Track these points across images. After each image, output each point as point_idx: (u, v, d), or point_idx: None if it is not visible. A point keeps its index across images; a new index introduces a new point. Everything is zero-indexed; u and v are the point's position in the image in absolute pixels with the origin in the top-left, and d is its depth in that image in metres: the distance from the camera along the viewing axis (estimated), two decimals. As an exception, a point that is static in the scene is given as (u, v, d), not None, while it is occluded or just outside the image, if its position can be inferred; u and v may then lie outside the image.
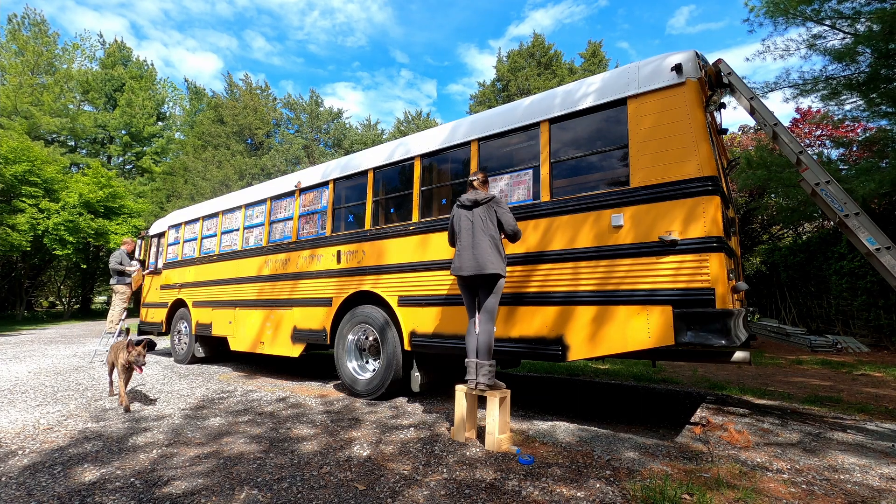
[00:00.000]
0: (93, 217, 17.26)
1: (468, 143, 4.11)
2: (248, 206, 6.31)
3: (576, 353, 3.23)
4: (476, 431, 3.19)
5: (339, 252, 4.90)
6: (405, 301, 4.24)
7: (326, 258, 5.03)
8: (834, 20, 8.72)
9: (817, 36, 9.02)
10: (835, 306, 9.70)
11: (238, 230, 6.40)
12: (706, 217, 2.86)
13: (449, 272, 3.92)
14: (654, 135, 3.13)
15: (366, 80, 67.06)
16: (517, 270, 3.57)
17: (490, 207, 3.21)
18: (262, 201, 6.08)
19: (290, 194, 5.68)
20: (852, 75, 8.68)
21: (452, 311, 3.89)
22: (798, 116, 12.45)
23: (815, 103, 10.88)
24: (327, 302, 4.89)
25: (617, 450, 2.89)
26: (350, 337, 4.72)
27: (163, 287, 7.79)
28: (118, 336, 7.47)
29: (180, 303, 7.29)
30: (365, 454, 2.81)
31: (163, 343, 9.49)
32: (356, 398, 4.45)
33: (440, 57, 69.64)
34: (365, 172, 4.87)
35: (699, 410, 3.96)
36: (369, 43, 69.01)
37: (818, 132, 11.78)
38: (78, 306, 25.14)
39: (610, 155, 3.41)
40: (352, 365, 4.69)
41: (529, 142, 3.78)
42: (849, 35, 8.55)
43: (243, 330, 5.94)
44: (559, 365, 6.59)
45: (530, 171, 3.71)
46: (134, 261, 7.94)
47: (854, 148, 10.48)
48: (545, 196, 3.56)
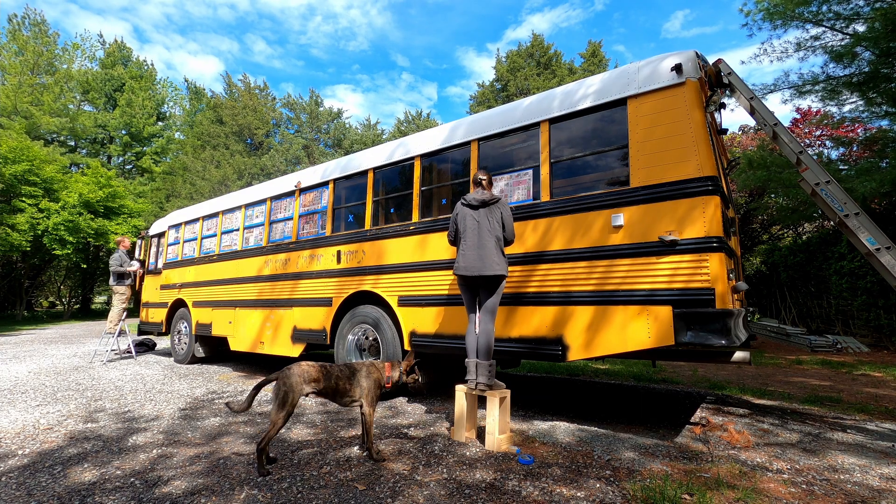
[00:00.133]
0: (93, 217, 17.25)
1: (468, 144, 4.11)
2: (248, 206, 6.31)
3: (576, 353, 3.23)
4: (476, 431, 3.19)
5: (339, 252, 4.90)
6: (405, 301, 4.24)
7: (326, 258, 5.03)
8: (833, 21, 8.73)
9: (816, 37, 9.03)
10: (835, 306, 9.71)
11: (238, 230, 6.40)
12: (706, 217, 2.86)
13: (448, 272, 3.93)
14: (654, 135, 3.13)
15: (365, 83, 67.50)
16: (517, 270, 3.57)
17: (497, 209, 3.22)
18: (262, 201, 6.08)
19: (290, 194, 5.68)
20: (852, 75, 8.68)
21: (452, 311, 3.89)
22: (798, 117, 12.46)
23: (815, 104, 10.89)
24: (327, 302, 4.89)
25: (617, 450, 2.89)
26: (350, 337, 4.72)
27: (163, 287, 7.79)
28: (117, 336, 7.48)
29: (180, 303, 7.29)
30: (365, 454, 2.81)
31: (163, 343, 9.50)
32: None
33: (439, 60, 70.40)
34: (365, 172, 4.87)
35: (699, 410, 3.96)
36: (371, 47, 69.61)
37: (818, 132, 11.78)
38: (78, 306, 25.13)
39: (610, 155, 3.42)
40: (352, 365, 4.69)
41: (529, 142, 3.78)
42: (847, 35, 8.56)
43: (243, 330, 5.94)
44: (559, 365, 6.59)
45: (530, 171, 3.71)
46: (134, 260, 7.95)
47: (854, 148, 10.48)
48: (545, 196, 3.56)
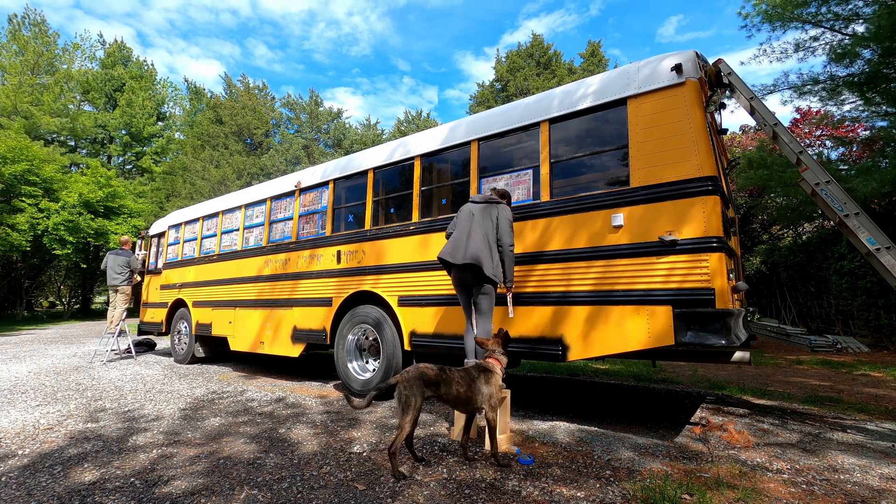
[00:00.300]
0: (93, 217, 17.24)
1: (468, 143, 4.11)
2: (248, 206, 6.31)
3: (576, 353, 3.23)
4: (476, 431, 3.18)
5: (339, 252, 4.90)
6: (405, 301, 4.24)
7: (326, 258, 5.03)
8: (832, 22, 8.72)
9: (815, 38, 9.03)
10: (835, 306, 9.70)
11: (238, 230, 6.40)
12: (706, 217, 2.86)
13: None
14: (654, 135, 3.13)
15: (365, 86, 67.92)
16: (517, 270, 3.57)
17: (494, 209, 3.22)
18: (262, 201, 6.08)
19: (290, 194, 5.68)
20: (852, 75, 8.68)
21: (452, 311, 3.89)
22: (798, 117, 12.45)
23: (814, 104, 10.89)
24: (327, 302, 4.89)
25: (617, 450, 2.89)
26: (350, 337, 4.72)
27: (163, 287, 7.79)
28: (117, 336, 7.48)
29: (180, 303, 7.29)
30: (365, 454, 2.81)
31: (163, 343, 9.49)
32: (356, 398, 4.44)
33: (437, 64, 71.30)
34: (365, 172, 4.87)
35: (699, 410, 3.96)
36: (373, 52, 70.61)
37: (818, 132, 11.78)
38: (78, 306, 25.12)
39: (610, 155, 3.42)
40: (352, 365, 4.69)
41: (529, 142, 3.78)
42: (847, 36, 8.56)
43: (243, 330, 5.94)
44: (559, 365, 6.59)
45: (530, 171, 3.71)
46: (138, 252, 8.17)
47: (854, 148, 10.48)
48: (545, 196, 3.56)
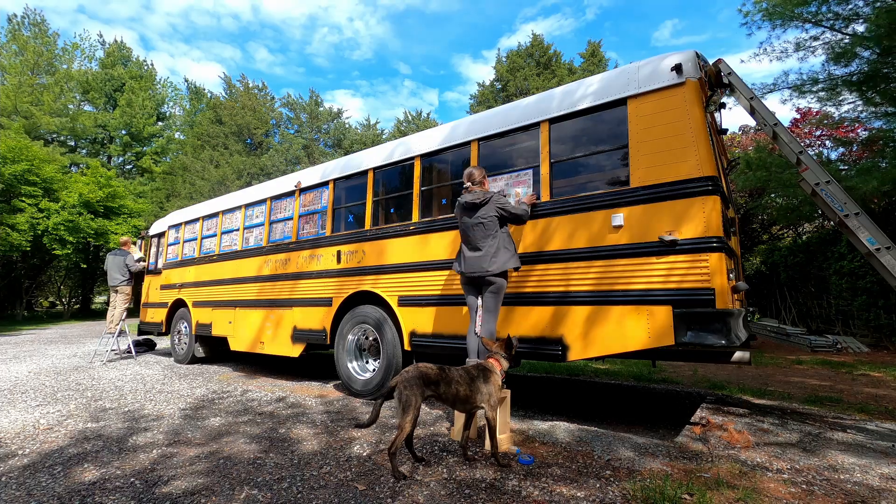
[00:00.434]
0: (93, 217, 17.26)
1: (468, 143, 4.10)
2: (248, 206, 6.31)
3: (576, 353, 3.23)
4: (476, 431, 3.18)
5: (339, 252, 4.90)
6: (405, 301, 4.24)
7: (326, 258, 5.03)
8: (832, 21, 8.72)
9: (815, 37, 9.03)
10: (835, 306, 9.70)
11: (238, 230, 6.40)
12: (706, 217, 2.86)
13: (449, 272, 3.93)
14: (654, 135, 3.13)
15: (364, 88, 68.45)
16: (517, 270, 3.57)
17: (491, 205, 3.23)
18: (262, 201, 6.08)
19: (290, 194, 5.68)
20: (851, 74, 8.67)
21: (453, 311, 3.89)
22: (798, 117, 12.45)
23: (814, 104, 10.88)
24: (327, 302, 4.89)
25: (617, 450, 2.89)
26: (350, 337, 4.72)
27: (163, 287, 7.79)
28: (117, 336, 7.48)
29: (180, 303, 7.29)
30: (365, 454, 2.81)
31: (163, 343, 9.49)
32: (356, 398, 4.45)
33: (436, 67, 72.22)
34: (365, 172, 4.87)
35: (699, 410, 3.96)
36: (375, 56, 71.63)
37: (818, 132, 11.77)
38: (78, 306, 25.14)
39: (610, 155, 3.42)
40: (352, 365, 4.69)
41: (529, 142, 3.78)
42: (847, 35, 8.55)
43: (243, 330, 5.94)
44: (559, 365, 6.59)
45: (530, 172, 3.71)
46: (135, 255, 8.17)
47: (854, 148, 10.48)
48: (545, 196, 3.56)
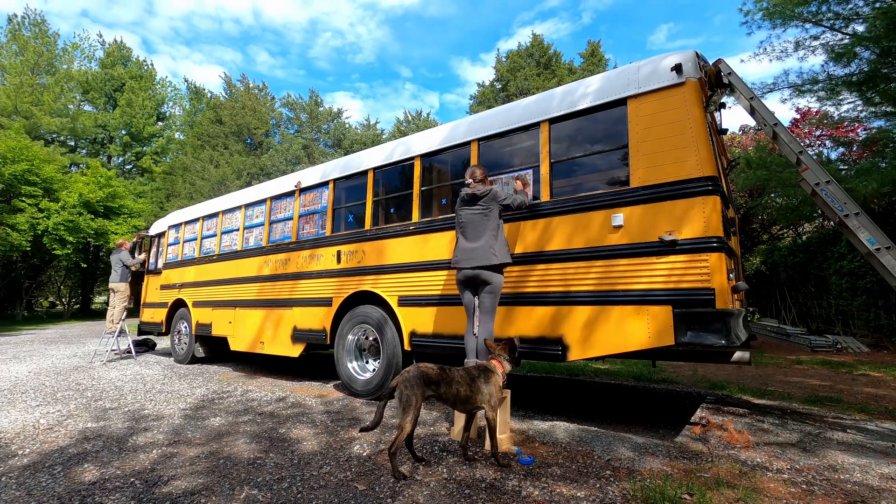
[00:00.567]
0: (93, 217, 17.25)
1: (468, 143, 4.10)
2: (248, 206, 6.31)
3: (576, 353, 3.23)
4: (476, 431, 3.18)
5: (339, 252, 4.90)
6: (405, 301, 4.24)
7: (326, 258, 5.02)
8: (832, 21, 8.72)
9: (815, 37, 9.04)
10: (835, 306, 9.70)
11: (238, 230, 6.40)
12: (706, 217, 2.86)
13: (449, 272, 3.93)
14: (654, 135, 3.13)
15: (364, 91, 69.04)
16: (517, 270, 3.57)
17: (490, 200, 3.24)
18: (262, 201, 6.08)
19: (290, 194, 5.68)
20: (851, 74, 8.67)
21: (453, 311, 3.89)
22: (798, 117, 12.45)
23: (813, 104, 10.88)
24: (327, 302, 4.89)
25: (617, 449, 2.89)
26: (350, 337, 4.72)
27: (163, 287, 7.79)
28: (117, 336, 7.48)
29: (180, 303, 7.29)
30: (365, 454, 2.81)
31: (163, 343, 9.49)
32: (356, 398, 4.45)
33: (435, 70, 73.10)
34: (365, 172, 4.87)
35: (699, 410, 3.96)
36: (377, 59, 72.68)
37: (818, 132, 11.77)
38: (78, 306, 25.14)
39: (610, 155, 3.42)
40: (352, 365, 4.69)
41: (529, 142, 3.78)
42: (847, 35, 8.55)
43: (243, 330, 5.94)
44: (559, 365, 6.59)
45: (530, 172, 3.71)
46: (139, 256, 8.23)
47: (854, 148, 10.47)
48: (545, 196, 3.56)
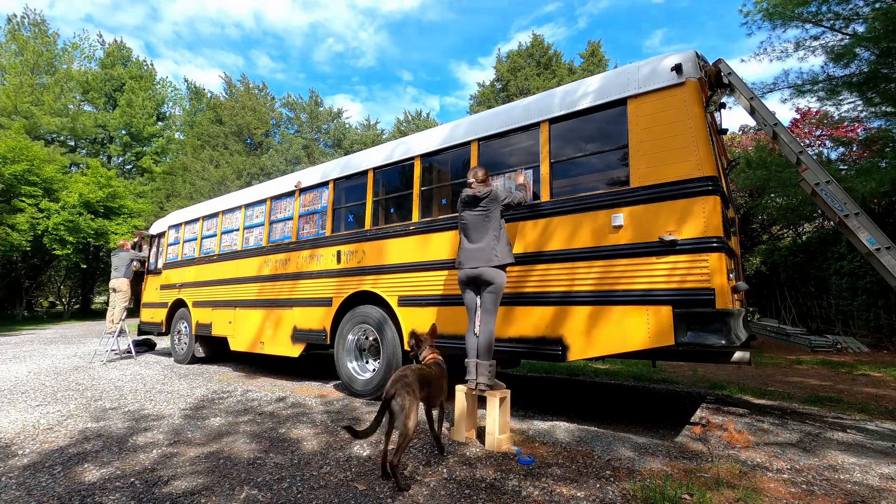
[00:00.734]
0: (93, 217, 17.25)
1: (468, 143, 4.10)
2: (248, 206, 6.31)
3: (576, 353, 3.23)
4: (476, 431, 3.19)
5: (339, 252, 4.90)
6: (405, 301, 4.24)
7: (326, 258, 5.03)
8: (832, 21, 8.72)
9: (815, 37, 9.04)
10: (835, 306, 9.70)
11: (238, 230, 6.40)
12: (706, 217, 2.86)
13: (449, 272, 3.93)
14: (654, 135, 3.13)
15: (364, 94, 69.94)
16: (517, 270, 3.57)
17: (491, 201, 3.22)
18: (262, 201, 6.07)
19: (290, 194, 5.68)
20: (851, 75, 8.68)
21: (453, 311, 3.89)
22: (798, 117, 12.45)
23: (813, 104, 10.89)
24: (327, 302, 4.89)
25: (617, 450, 2.90)
26: (350, 337, 4.72)
27: (163, 287, 7.79)
28: (117, 336, 7.48)
29: (180, 303, 7.29)
30: (365, 454, 2.81)
31: (163, 343, 9.49)
32: (356, 398, 4.45)
33: (434, 73, 73.94)
34: (365, 172, 4.87)
35: (699, 410, 3.96)
36: (378, 63, 73.59)
37: (818, 132, 11.77)
38: (78, 306, 25.13)
39: (610, 155, 3.42)
40: (352, 365, 4.69)
41: (529, 142, 3.78)
42: (847, 36, 8.56)
43: (243, 330, 5.94)
44: (559, 365, 6.59)
45: (530, 171, 3.71)
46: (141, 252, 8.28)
47: (854, 148, 10.48)
48: (545, 196, 3.56)
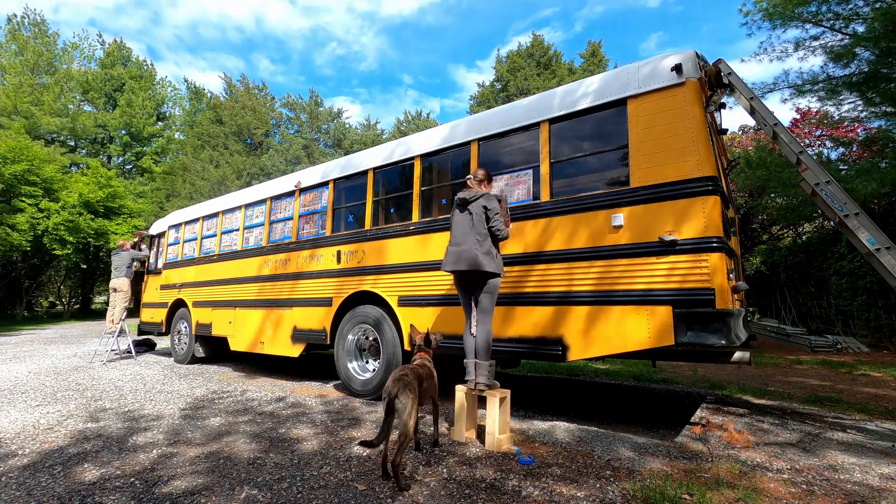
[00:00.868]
0: (93, 217, 17.25)
1: (468, 143, 4.10)
2: (248, 206, 6.31)
3: (576, 353, 3.23)
4: (476, 431, 3.19)
5: (339, 252, 4.90)
6: (405, 301, 4.24)
7: (326, 258, 5.03)
8: (832, 21, 8.72)
9: (815, 37, 9.04)
10: (835, 306, 9.70)
11: (238, 230, 6.40)
12: (706, 217, 2.86)
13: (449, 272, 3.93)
14: (654, 135, 3.13)
15: (363, 95, 70.81)
16: (517, 270, 3.57)
17: (478, 205, 3.15)
18: (262, 201, 6.08)
19: (290, 194, 5.68)
20: (851, 75, 8.68)
21: (452, 311, 3.89)
22: (798, 117, 12.44)
23: (813, 104, 10.89)
24: (327, 302, 4.89)
25: (617, 450, 2.89)
26: (350, 337, 4.71)
27: (163, 287, 7.79)
28: (117, 336, 7.48)
29: (180, 303, 7.29)
30: (365, 454, 2.81)
31: (163, 343, 9.49)
32: (356, 398, 4.45)
33: (433, 76, 74.93)
34: (365, 172, 4.87)
35: (699, 410, 3.96)
36: (379, 67, 74.60)
37: (818, 132, 11.77)
38: (78, 306, 25.12)
39: (610, 155, 3.42)
40: (352, 365, 4.69)
41: (529, 142, 3.78)
42: (847, 36, 8.56)
43: (243, 330, 5.94)
44: (559, 365, 6.59)
45: (530, 171, 3.71)
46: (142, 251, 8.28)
47: (854, 148, 10.48)
48: (545, 196, 3.56)
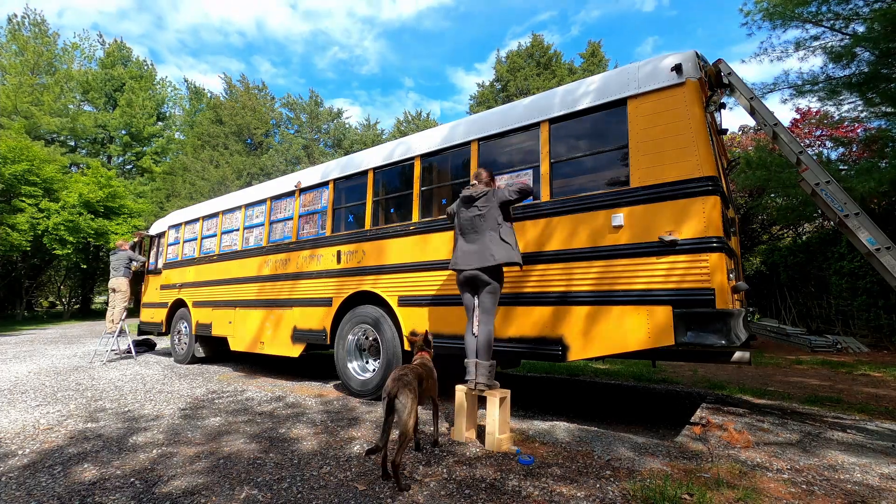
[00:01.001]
0: (93, 217, 17.24)
1: (468, 143, 4.10)
2: (248, 206, 6.31)
3: (576, 353, 3.23)
4: (476, 431, 3.19)
5: (339, 252, 4.90)
6: (405, 301, 4.24)
7: (326, 258, 5.03)
8: (832, 21, 8.73)
9: (815, 37, 9.05)
10: (835, 306, 9.70)
11: (238, 230, 6.40)
12: (706, 217, 2.86)
13: (449, 272, 3.93)
14: (654, 135, 3.13)
15: (363, 97, 71.40)
16: (517, 270, 3.57)
17: (489, 198, 3.17)
18: (262, 201, 6.07)
19: (290, 194, 5.68)
20: (851, 75, 8.68)
21: (452, 311, 3.89)
22: (798, 117, 12.44)
23: (814, 104, 10.89)
24: (327, 302, 4.89)
25: (617, 450, 2.89)
26: (350, 337, 4.71)
27: (163, 287, 7.79)
28: (117, 336, 7.48)
29: (180, 303, 7.29)
30: (365, 453, 2.81)
31: (163, 343, 9.49)
32: (356, 398, 4.45)
33: (432, 79, 75.97)
34: (365, 172, 4.87)
35: (699, 410, 3.96)
36: (381, 71, 75.78)
37: (818, 132, 11.77)
38: (78, 306, 25.13)
39: (610, 155, 3.41)
40: (352, 365, 4.69)
41: (529, 141, 3.78)
42: (847, 36, 8.56)
43: (243, 330, 5.94)
44: (559, 365, 6.59)
45: (530, 171, 3.71)
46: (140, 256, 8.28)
47: (854, 148, 10.48)
48: (545, 196, 3.56)
